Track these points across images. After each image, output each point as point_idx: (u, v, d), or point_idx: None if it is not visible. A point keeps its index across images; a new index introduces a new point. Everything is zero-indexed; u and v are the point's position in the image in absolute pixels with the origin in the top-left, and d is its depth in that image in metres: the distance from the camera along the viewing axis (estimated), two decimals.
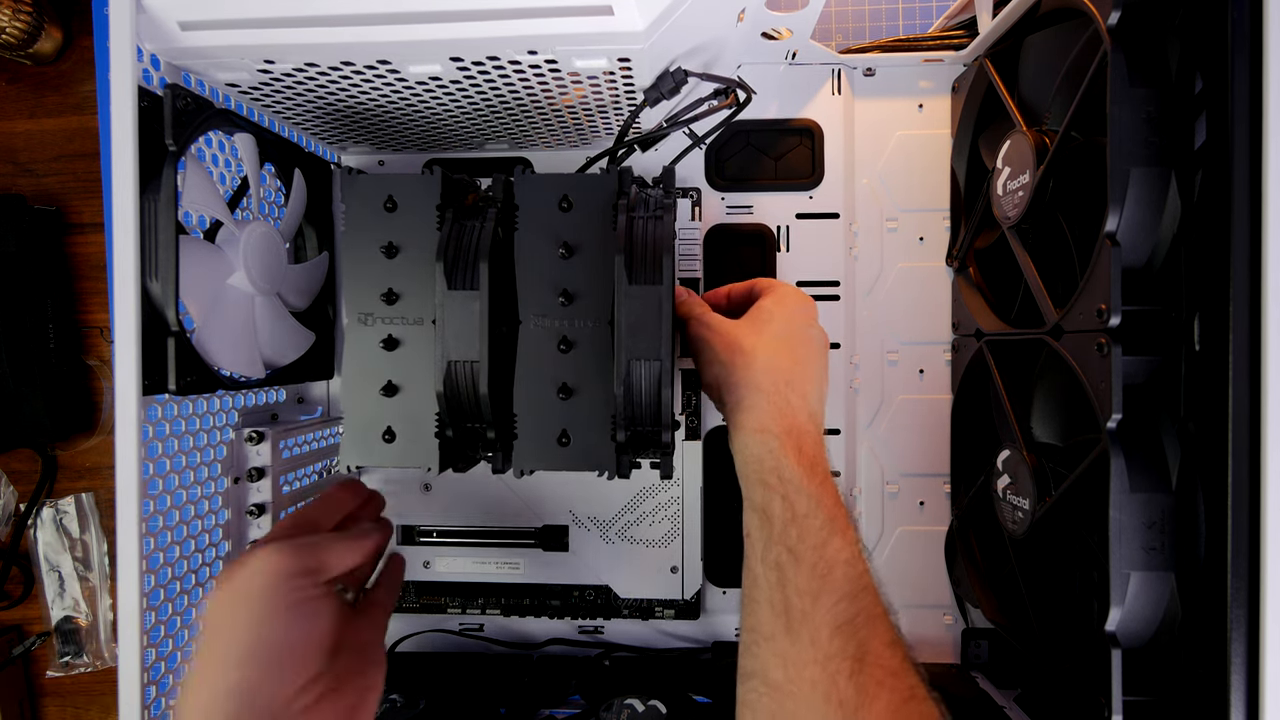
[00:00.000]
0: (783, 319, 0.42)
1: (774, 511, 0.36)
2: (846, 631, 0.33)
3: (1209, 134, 0.35)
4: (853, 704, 0.31)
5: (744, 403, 0.39)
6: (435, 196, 0.42)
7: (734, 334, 0.41)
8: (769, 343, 0.40)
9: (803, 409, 0.39)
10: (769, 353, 0.40)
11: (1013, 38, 0.50)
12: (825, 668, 0.32)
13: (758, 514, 0.36)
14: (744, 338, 0.41)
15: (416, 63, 0.41)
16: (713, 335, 0.42)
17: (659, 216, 0.42)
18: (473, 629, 0.61)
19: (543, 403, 0.41)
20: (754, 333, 0.41)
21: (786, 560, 0.34)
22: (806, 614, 0.33)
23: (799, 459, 0.37)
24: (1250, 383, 0.33)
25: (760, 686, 0.33)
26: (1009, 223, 0.48)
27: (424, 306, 0.42)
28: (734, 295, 0.47)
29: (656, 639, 0.61)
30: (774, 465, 0.37)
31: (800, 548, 0.34)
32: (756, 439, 0.38)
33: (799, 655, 0.32)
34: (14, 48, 0.61)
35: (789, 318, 0.42)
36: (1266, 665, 0.33)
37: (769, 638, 0.34)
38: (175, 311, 0.38)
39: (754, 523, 0.37)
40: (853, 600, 0.33)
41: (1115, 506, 0.37)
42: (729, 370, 0.40)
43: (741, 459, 0.38)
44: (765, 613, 0.34)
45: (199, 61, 0.40)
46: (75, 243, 0.66)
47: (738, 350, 0.40)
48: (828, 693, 0.31)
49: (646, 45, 0.40)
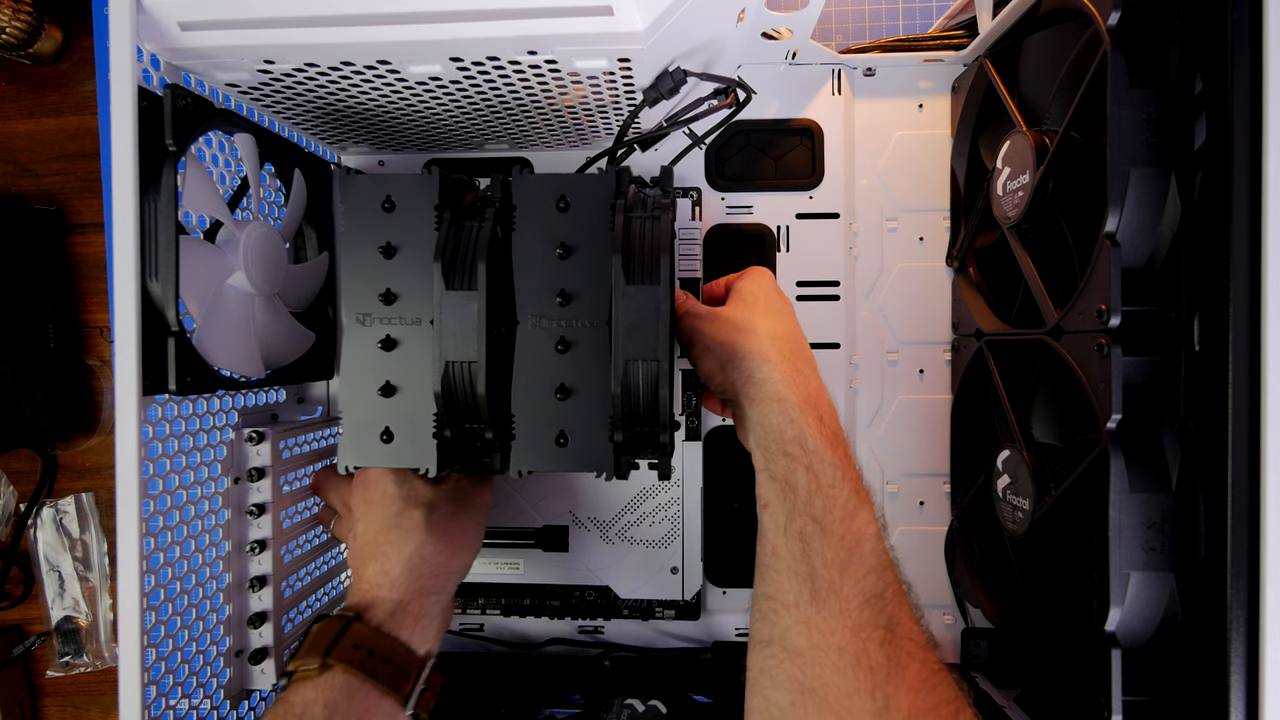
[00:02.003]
0: (765, 295, 0.43)
1: (798, 482, 0.35)
2: (876, 604, 0.32)
3: (1209, 134, 0.35)
4: (884, 670, 0.31)
5: (755, 375, 0.39)
6: (433, 197, 0.42)
7: (727, 315, 0.42)
8: (763, 316, 0.42)
9: (813, 377, 0.40)
10: (767, 325, 0.41)
11: (1013, 38, 0.50)
12: (856, 635, 0.32)
13: (779, 484, 0.36)
14: (739, 316, 0.42)
15: (416, 63, 0.41)
16: (704, 322, 0.42)
17: (656, 216, 0.42)
18: (473, 629, 0.61)
19: (540, 403, 0.41)
20: (746, 310, 0.42)
21: (812, 531, 0.34)
22: (834, 585, 0.33)
23: (820, 429, 0.37)
24: (1250, 383, 0.33)
25: (780, 653, 0.33)
26: (1009, 223, 0.48)
27: (422, 307, 0.42)
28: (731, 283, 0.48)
29: (657, 639, 0.61)
30: (795, 435, 0.37)
31: (827, 519, 0.34)
32: (775, 408, 0.38)
33: (826, 623, 0.32)
34: (14, 48, 0.61)
35: (769, 293, 0.44)
36: (1266, 665, 0.33)
37: (791, 605, 0.33)
38: (175, 311, 0.38)
39: (773, 493, 0.36)
40: (880, 574, 0.33)
41: (1115, 507, 0.37)
42: (731, 348, 0.41)
43: (760, 430, 0.38)
44: (787, 581, 0.34)
45: (199, 62, 0.40)
46: (75, 243, 0.66)
47: (735, 328, 0.41)
48: (858, 657, 0.31)
49: (646, 45, 0.39)
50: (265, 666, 0.47)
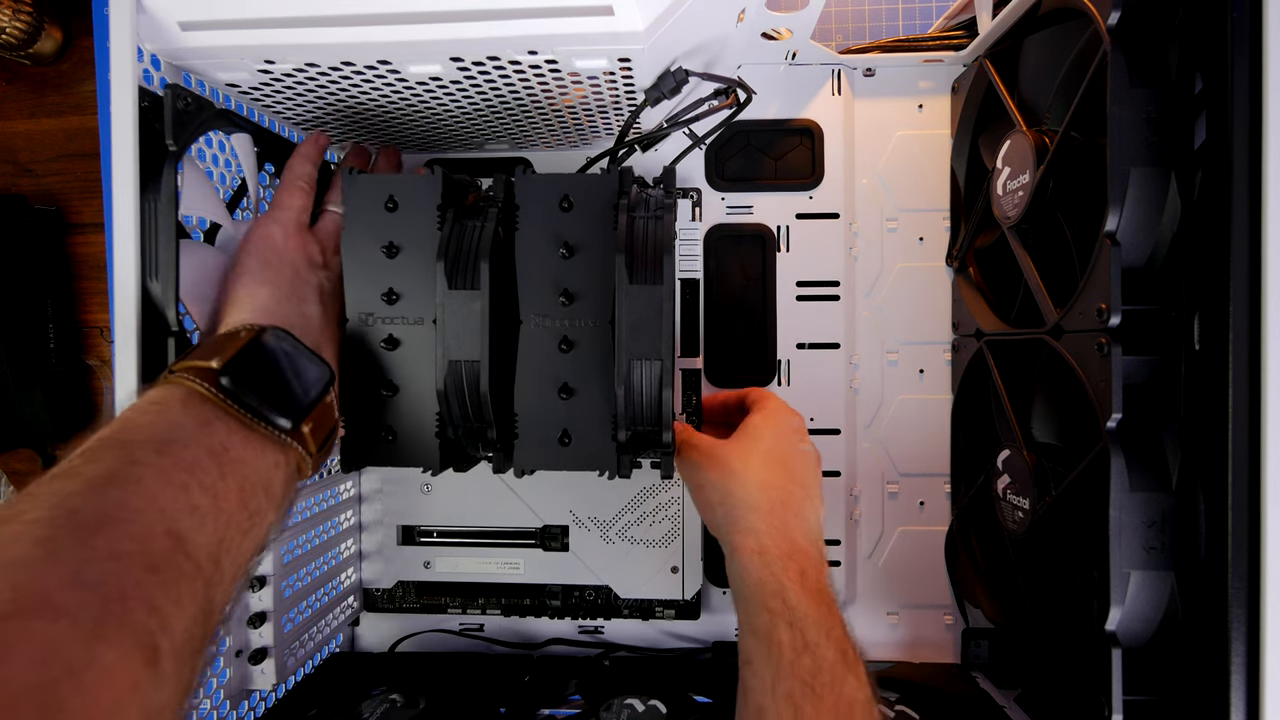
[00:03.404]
0: (771, 436, 0.41)
1: (781, 639, 0.34)
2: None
3: (1209, 134, 0.35)
4: None
5: (740, 523, 0.38)
6: (436, 196, 0.42)
7: (723, 454, 0.41)
8: (760, 461, 0.40)
9: (800, 530, 0.38)
10: (761, 471, 0.39)
11: (1013, 38, 0.50)
12: None
13: (761, 641, 0.35)
14: (734, 458, 0.40)
15: (417, 63, 0.40)
16: (702, 457, 0.41)
17: (659, 216, 0.42)
18: (473, 629, 0.61)
19: (543, 402, 0.41)
20: (744, 451, 0.40)
21: (803, 695, 0.33)
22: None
23: (802, 584, 0.36)
24: (1250, 382, 0.33)
25: None
26: (1009, 223, 0.48)
27: (425, 306, 0.42)
28: (729, 404, 0.47)
29: (657, 639, 0.61)
30: (776, 589, 0.35)
31: (817, 683, 0.33)
32: (756, 561, 0.36)
33: None
34: (14, 48, 0.61)
35: (778, 434, 0.41)
36: (1267, 664, 0.33)
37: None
38: (176, 311, 0.38)
39: (757, 650, 0.35)
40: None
41: (1115, 506, 0.37)
42: (722, 492, 0.39)
43: (740, 582, 0.37)
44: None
45: (199, 62, 0.40)
46: (75, 243, 0.66)
47: (728, 470, 0.40)
48: None
49: (647, 45, 0.39)
50: (265, 666, 0.47)
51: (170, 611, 0.24)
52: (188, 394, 0.30)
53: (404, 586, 0.60)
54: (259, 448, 0.31)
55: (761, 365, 0.59)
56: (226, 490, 0.29)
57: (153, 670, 0.23)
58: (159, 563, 0.25)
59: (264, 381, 0.32)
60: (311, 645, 0.54)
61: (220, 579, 0.27)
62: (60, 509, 0.24)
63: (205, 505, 0.27)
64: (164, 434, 0.28)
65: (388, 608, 0.61)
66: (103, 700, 0.21)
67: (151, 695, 0.22)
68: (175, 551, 0.25)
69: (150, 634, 0.23)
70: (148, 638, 0.23)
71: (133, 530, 0.25)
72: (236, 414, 0.31)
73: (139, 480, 0.26)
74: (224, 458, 0.29)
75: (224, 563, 0.27)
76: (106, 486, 0.25)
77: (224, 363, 0.31)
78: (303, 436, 0.33)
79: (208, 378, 0.31)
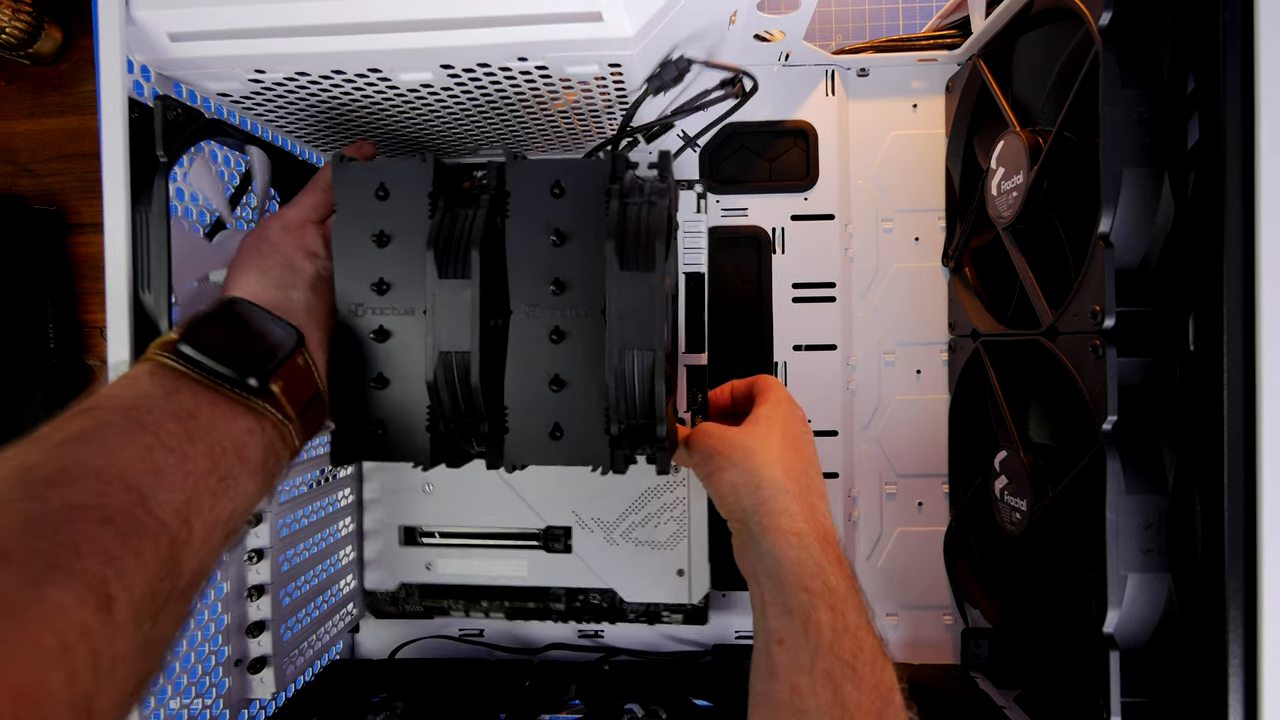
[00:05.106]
0: (783, 423, 0.42)
1: (821, 620, 0.34)
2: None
3: (1201, 134, 0.35)
4: None
5: (772, 504, 0.38)
6: (427, 184, 0.40)
7: (743, 440, 0.41)
8: (780, 445, 0.40)
9: (826, 515, 0.39)
10: (784, 455, 0.40)
11: (1005, 37, 0.49)
12: None
13: (798, 621, 0.35)
14: (756, 442, 0.41)
15: (407, 70, 0.40)
16: (720, 443, 0.41)
17: (653, 202, 0.41)
18: (472, 634, 0.61)
19: (534, 395, 0.40)
20: (764, 435, 0.41)
21: (843, 675, 0.33)
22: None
23: (841, 568, 0.36)
24: (1245, 382, 0.33)
25: None
26: (1003, 223, 0.48)
27: (416, 297, 0.40)
28: (737, 391, 0.47)
29: (657, 642, 0.61)
30: (816, 570, 0.36)
31: (858, 663, 0.33)
32: (794, 542, 0.37)
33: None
34: (14, 48, 0.61)
35: (788, 422, 0.42)
36: (1264, 665, 0.32)
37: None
38: (169, 322, 0.38)
39: (792, 630, 0.35)
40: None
41: (1111, 508, 0.37)
42: (747, 473, 0.40)
43: (776, 561, 0.37)
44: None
45: (190, 72, 0.40)
46: (75, 243, 0.66)
47: (752, 453, 0.40)
48: None
49: (637, 50, 0.39)
50: (264, 675, 0.48)
51: (129, 563, 0.24)
52: (155, 366, 0.31)
53: (407, 589, 0.60)
54: (228, 411, 0.31)
55: (758, 367, 0.59)
56: (195, 453, 0.29)
57: (105, 616, 0.23)
58: (115, 516, 0.25)
59: (224, 344, 0.33)
60: (311, 653, 0.54)
61: (189, 539, 0.28)
62: (19, 467, 0.25)
63: (170, 465, 0.28)
64: (130, 402, 0.29)
65: (391, 611, 0.61)
66: (46, 641, 0.21)
67: (104, 643, 0.23)
68: (135, 506, 0.26)
69: (104, 582, 0.23)
70: (101, 585, 0.23)
71: (90, 485, 0.25)
72: (201, 379, 0.31)
73: (101, 440, 0.27)
74: (191, 423, 0.30)
75: (194, 522, 0.28)
76: (68, 445, 0.27)
77: (183, 331, 0.32)
78: (274, 396, 0.33)
79: (168, 348, 0.31)
